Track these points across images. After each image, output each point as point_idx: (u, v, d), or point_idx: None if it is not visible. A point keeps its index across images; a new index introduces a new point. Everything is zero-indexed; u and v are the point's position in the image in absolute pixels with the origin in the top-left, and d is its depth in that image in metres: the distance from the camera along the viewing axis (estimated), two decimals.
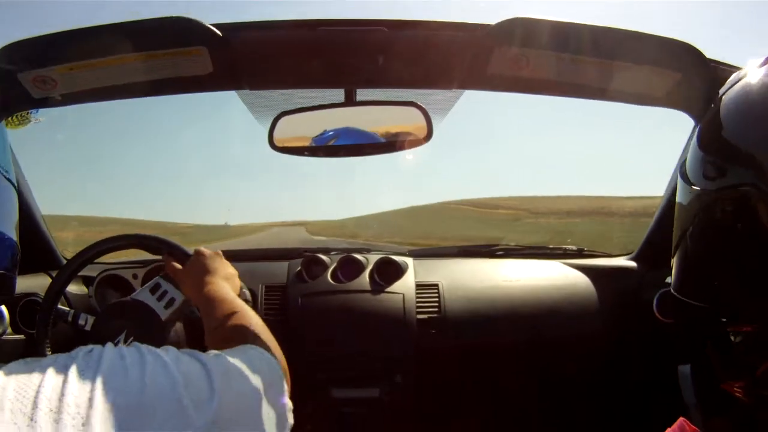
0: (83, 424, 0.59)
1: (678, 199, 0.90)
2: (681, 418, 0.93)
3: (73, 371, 0.65)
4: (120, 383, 0.65)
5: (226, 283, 1.38)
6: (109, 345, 0.74)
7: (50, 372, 0.64)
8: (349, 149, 1.79)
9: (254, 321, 1.14)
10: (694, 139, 0.88)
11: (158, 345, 1.49)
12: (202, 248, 1.51)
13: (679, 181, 0.89)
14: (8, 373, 0.63)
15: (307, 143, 1.78)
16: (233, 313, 1.17)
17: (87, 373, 0.65)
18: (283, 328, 2.02)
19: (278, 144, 1.77)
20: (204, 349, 0.87)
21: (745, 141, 0.79)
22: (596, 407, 2.29)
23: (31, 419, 0.57)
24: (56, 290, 1.60)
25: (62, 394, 0.60)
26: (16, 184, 0.93)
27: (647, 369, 2.14)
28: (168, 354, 0.75)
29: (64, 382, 0.62)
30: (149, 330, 1.54)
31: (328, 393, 2.00)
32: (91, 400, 0.61)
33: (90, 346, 0.72)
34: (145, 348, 0.75)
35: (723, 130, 0.82)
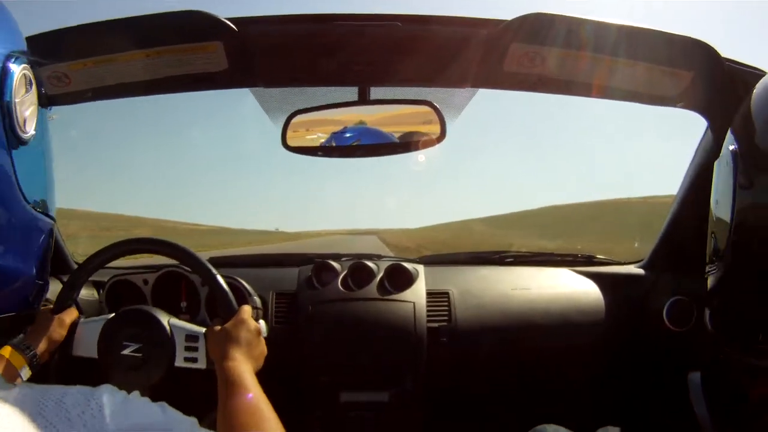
0: None
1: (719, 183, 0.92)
2: None
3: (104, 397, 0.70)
4: (143, 410, 0.73)
5: (253, 364, 1.38)
6: (137, 392, 0.80)
7: (76, 390, 0.68)
8: (364, 149, 1.80)
9: (273, 422, 1.12)
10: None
11: (159, 381, 1.49)
12: (247, 314, 1.49)
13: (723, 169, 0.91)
14: (38, 390, 0.67)
15: (325, 143, 1.78)
16: (254, 407, 1.15)
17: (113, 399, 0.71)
18: (292, 336, 2.01)
19: (292, 144, 1.77)
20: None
21: None
22: (606, 415, 2.27)
23: (69, 420, 0.62)
24: (67, 293, 1.59)
25: (87, 405, 0.65)
26: (54, 219, 0.92)
27: (657, 377, 2.13)
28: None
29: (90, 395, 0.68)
30: (159, 362, 1.52)
31: (337, 397, 1.98)
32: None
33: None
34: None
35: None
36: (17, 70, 0.76)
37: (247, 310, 1.49)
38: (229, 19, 1.45)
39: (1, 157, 0.72)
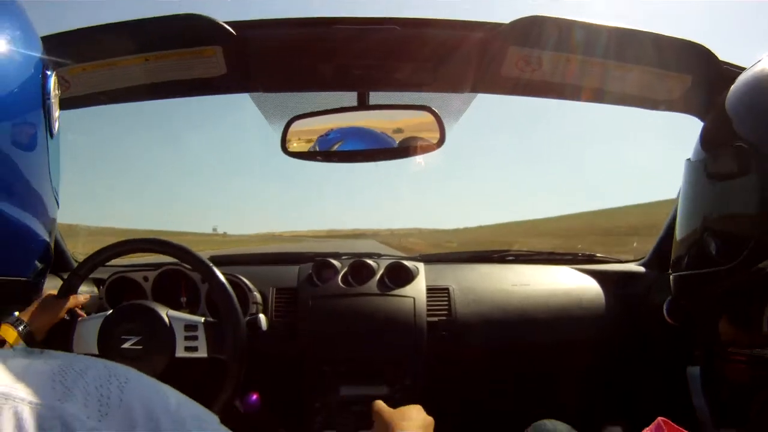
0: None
1: (685, 183, 0.94)
2: (659, 418, 0.94)
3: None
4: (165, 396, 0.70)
5: None
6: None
7: (101, 364, 0.67)
8: (364, 154, 1.80)
9: None
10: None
11: (163, 372, 1.51)
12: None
13: (686, 167, 0.93)
14: (64, 358, 0.66)
15: (310, 148, 1.79)
16: None
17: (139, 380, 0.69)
18: (293, 331, 2.02)
19: (291, 149, 1.78)
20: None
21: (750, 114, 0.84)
22: (606, 411, 2.28)
23: (87, 392, 0.61)
24: (66, 289, 1.61)
25: (108, 380, 0.65)
26: (59, 204, 0.98)
27: (657, 373, 2.12)
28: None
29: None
30: (160, 352, 1.55)
31: (337, 391, 1.99)
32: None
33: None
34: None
35: (733, 107, 0.86)
36: (53, 75, 0.84)
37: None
38: (227, 23, 1.46)
39: (42, 148, 0.80)
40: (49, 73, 0.83)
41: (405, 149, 1.79)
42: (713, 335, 0.95)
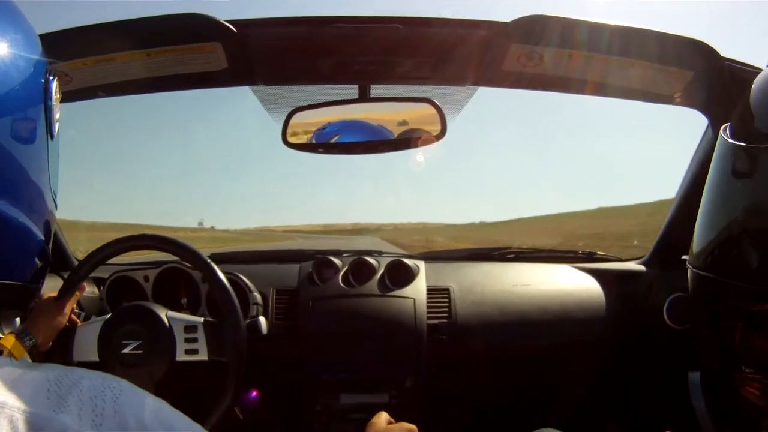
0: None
1: (715, 166, 0.91)
2: None
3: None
4: (156, 410, 0.69)
5: None
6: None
7: (96, 375, 0.68)
8: (364, 146, 1.80)
9: None
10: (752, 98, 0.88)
11: (163, 376, 1.49)
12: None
13: (720, 142, 0.90)
14: (59, 369, 0.66)
15: (308, 140, 1.79)
16: None
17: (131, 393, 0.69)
18: (293, 333, 2.01)
19: (292, 141, 1.77)
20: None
21: None
22: (606, 412, 2.27)
23: (81, 401, 0.62)
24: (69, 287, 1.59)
25: (102, 391, 0.65)
26: (57, 206, 0.98)
27: (657, 375, 2.12)
28: None
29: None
30: (161, 356, 1.54)
31: (337, 398, 1.97)
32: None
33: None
34: None
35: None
36: (55, 79, 0.86)
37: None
38: (229, 22, 1.46)
39: (42, 149, 0.82)
40: (51, 77, 0.85)
41: (405, 141, 1.79)
42: (725, 347, 0.90)
